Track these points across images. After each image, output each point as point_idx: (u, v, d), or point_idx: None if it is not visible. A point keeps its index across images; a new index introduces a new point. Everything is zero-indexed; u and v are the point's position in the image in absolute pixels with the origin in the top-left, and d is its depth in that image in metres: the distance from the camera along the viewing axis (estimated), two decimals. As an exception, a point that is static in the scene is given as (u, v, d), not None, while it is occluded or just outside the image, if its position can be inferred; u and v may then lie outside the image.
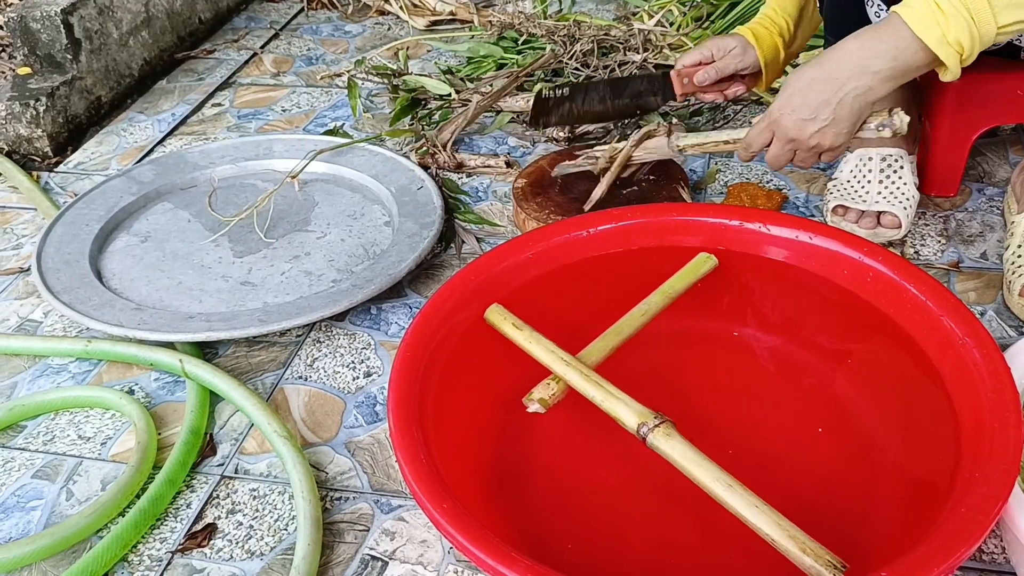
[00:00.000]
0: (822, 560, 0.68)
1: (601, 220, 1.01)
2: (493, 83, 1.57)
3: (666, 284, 0.96)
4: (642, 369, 0.98)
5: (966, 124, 1.22)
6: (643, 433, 0.78)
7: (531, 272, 0.99)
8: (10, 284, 1.28)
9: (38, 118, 1.56)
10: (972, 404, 0.78)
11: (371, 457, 0.97)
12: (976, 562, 0.83)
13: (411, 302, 1.19)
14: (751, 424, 0.94)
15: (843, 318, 0.96)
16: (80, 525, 0.89)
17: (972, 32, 0.90)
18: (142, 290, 1.21)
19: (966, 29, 0.90)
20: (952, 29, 0.90)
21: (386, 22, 2.04)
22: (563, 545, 0.83)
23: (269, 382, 1.08)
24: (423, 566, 0.85)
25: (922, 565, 0.65)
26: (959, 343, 0.83)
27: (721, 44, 1.23)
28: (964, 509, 0.68)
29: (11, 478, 0.98)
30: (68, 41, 1.61)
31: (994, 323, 1.08)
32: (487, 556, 0.67)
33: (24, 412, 1.05)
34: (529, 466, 0.91)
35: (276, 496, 0.94)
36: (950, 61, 0.92)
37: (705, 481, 0.74)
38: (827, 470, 0.88)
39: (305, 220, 1.34)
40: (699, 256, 0.99)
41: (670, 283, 0.96)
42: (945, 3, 0.90)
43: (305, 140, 1.50)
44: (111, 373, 1.11)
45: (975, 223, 1.25)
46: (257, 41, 1.98)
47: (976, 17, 0.89)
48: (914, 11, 0.91)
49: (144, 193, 1.40)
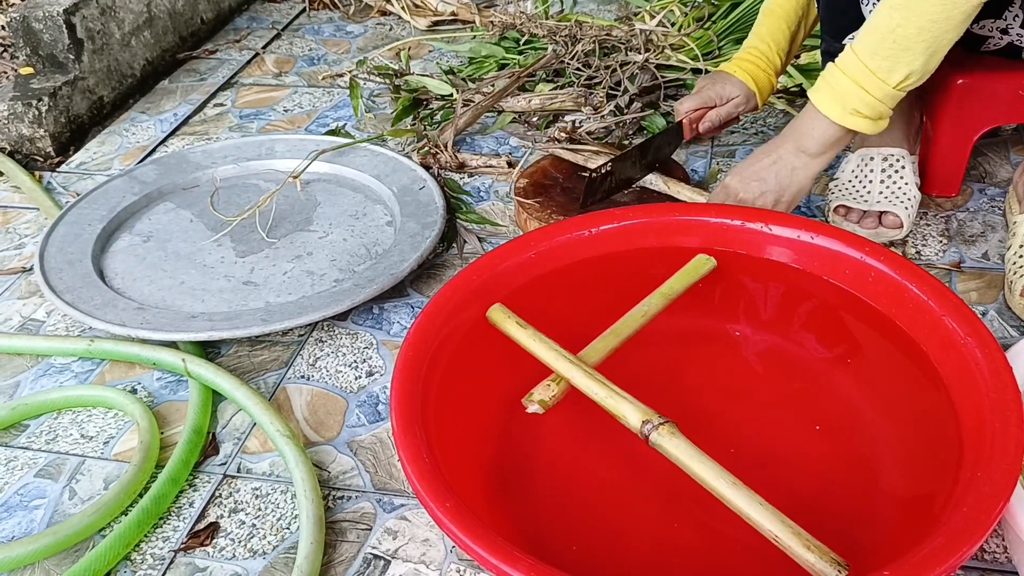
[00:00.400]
0: (826, 558, 0.68)
1: (603, 220, 1.02)
2: (495, 83, 1.57)
3: (665, 285, 0.96)
4: (643, 369, 0.98)
5: (967, 124, 1.22)
6: (646, 432, 0.78)
7: (533, 272, 0.99)
8: (13, 284, 1.28)
9: (40, 118, 1.56)
10: (974, 404, 0.78)
11: (373, 456, 0.98)
12: (978, 561, 0.83)
13: (413, 302, 1.19)
14: (752, 424, 0.94)
15: (844, 318, 0.97)
16: (83, 524, 0.89)
17: (866, 99, 0.99)
18: (144, 290, 1.22)
19: (858, 99, 1.00)
20: (848, 102, 1.00)
21: (388, 22, 2.04)
22: (564, 544, 0.84)
23: (271, 381, 1.08)
24: (425, 565, 0.85)
25: (924, 564, 0.65)
26: (961, 343, 0.83)
27: (722, 92, 1.27)
28: (966, 508, 0.68)
29: (14, 477, 0.98)
30: (70, 41, 1.61)
31: (995, 323, 1.08)
32: (490, 555, 0.67)
33: (27, 411, 1.05)
34: (531, 465, 0.91)
35: (278, 495, 0.94)
36: (860, 127, 1.02)
37: (708, 480, 0.75)
38: (828, 470, 0.89)
39: (307, 220, 1.34)
40: (698, 257, 1.00)
41: (669, 284, 0.97)
42: (836, 82, 1.01)
43: (307, 140, 1.50)
44: (114, 372, 1.11)
45: (976, 223, 1.25)
46: (259, 41, 1.98)
47: (865, 86, 0.99)
48: (819, 95, 1.03)
49: (146, 193, 1.40)
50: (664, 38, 1.64)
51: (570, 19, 1.80)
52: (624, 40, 1.65)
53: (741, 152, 1.44)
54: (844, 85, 1.00)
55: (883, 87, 0.98)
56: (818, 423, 0.93)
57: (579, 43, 1.64)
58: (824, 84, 1.03)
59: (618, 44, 1.65)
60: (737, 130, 1.49)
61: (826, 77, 1.02)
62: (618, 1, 1.97)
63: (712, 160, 1.43)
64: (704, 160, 1.43)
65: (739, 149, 1.45)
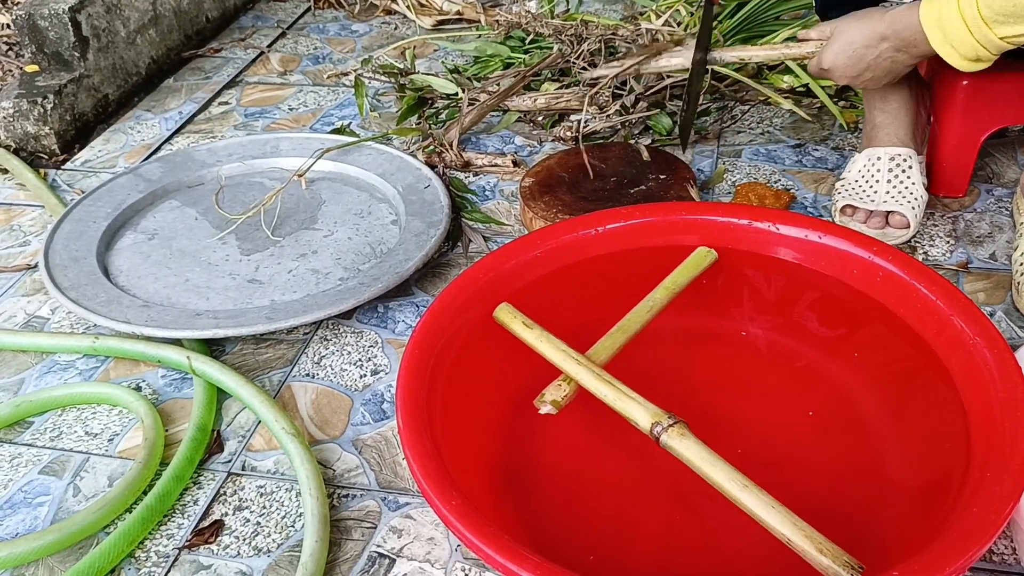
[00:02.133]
0: (840, 560, 0.68)
1: (610, 219, 1.01)
2: (500, 82, 1.57)
3: (668, 279, 0.96)
4: (650, 368, 0.97)
5: (975, 125, 1.22)
6: (656, 433, 0.78)
7: (539, 270, 0.99)
8: (18, 281, 1.28)
9: (46, 116, 1.56)
10: (983, 404, 0.78)
11: (378, 454, 0.97)
12: (986, 563, 0.82)
13: (418, 300, 1.19)
14: (759, 423, 0.94)
15: (852, 318, 0.96)
16: (87, 521, 0.89)
17: (968, 41, 0.97)
18: (149, 287, 1.21)
19: (960, 38, 0.98)
20: (950, 35, 0.98)
21: (393, 21, 2.04)
22: (570, 543, 0.83)
23: (276, 379, 1.08)
24: (430, 563, 0.85)
25: (933, 565, 0.65)
26: (969, 343, 0.82)
27: None
28: (975, 509, 0.68)
29: (18, 474, 0.98)
30: (76, 39, 1.61)
31: (1003, 324, 1.08)
32: (497, 553, 0.67)
33: (31, 408, 1.05)
34: (536, 464, 0.91)
35: (283, 493, 0.94)
36: (952, 60, 1.00)
37: (720, 481, 0.74)
38: (835, 470, 0.88)
39: (312, 218, 1.34)
40: (699, 250, 0.99)
41: (672, 278, 0.96)
42: (945, 10, 0.98)
43: (312, 139, 1.50)
44: (118, 370, 1.11)
45: (984, 224, 1.24)
46: (264, 40, 1.98)
47: (972, 29, 0.96)
48: (927, 8, 1.00)
49: (151, 191, 1.40)
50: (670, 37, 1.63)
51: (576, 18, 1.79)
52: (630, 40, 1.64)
53: (747, 152, 1.44)
54: (950, 18, 0.97)
55: (989, 36, 0.96)
56: (825, 423, 0.93)
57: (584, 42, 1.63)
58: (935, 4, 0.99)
59: (624, 43, 1.64)
60: (743, 130, 1.49)
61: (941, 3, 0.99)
62: (624, 0, 1.97)
63: (718, 160, 1.43)
64: (710, 160, 1.43)
65: (745, 149, 1.45)
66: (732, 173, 1.39)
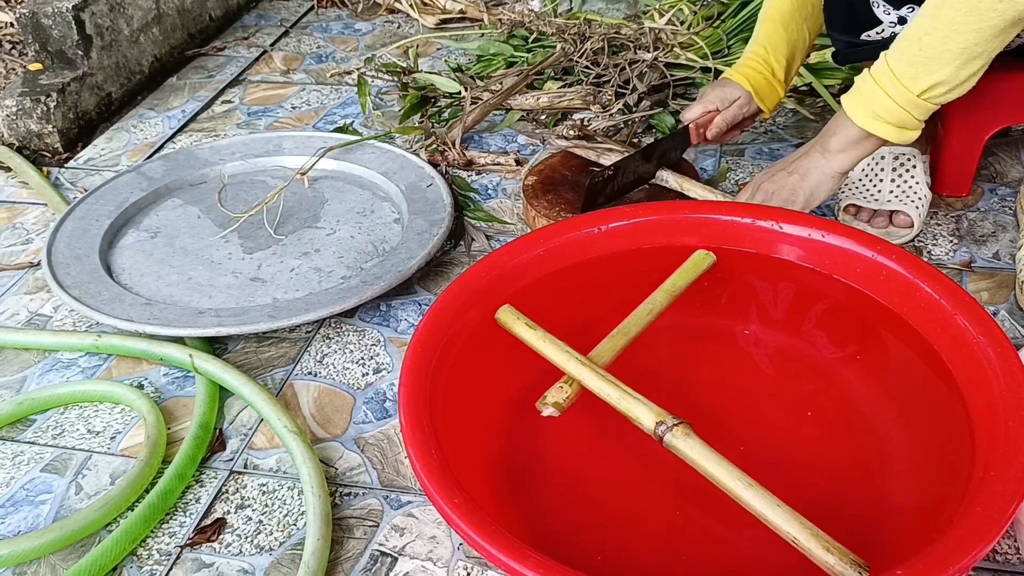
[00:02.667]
0: (846, 560, 0.67)
1: (613, 217, 1.01)
2: (503, 81, 1.57)
3: (668, 282, 0.96)
4: (652, 368, 0.97)
5: (978, 124, 1.22)
6: (660, 433, 0.78)
7: (542, 269, 0.98)
8: (20, 279, 1.28)
9: (49, 114, 1.56)
10: (986, 403, 0.78)
11: (380, 453, 0.97)
12: (989, 562, 0.82)
13: (420, 299, 1.19)
14: (761, 423, 0.93)
15: (855, 317, 0.96)
16: (89, 519, 0.89)
17: (889, 107, 0.99)
18: (152, 285, 1.21)
19: (882, 105, 0.99)
20: (872, 107, 1.00)
21: (396, 20, 2.04)
22: (572, 541, 0.83)
23: (279, 378, 1.08)
24: (432, 562, 0.85)
25: (936, 565, 0.64)
26: (973, 342, 0.82)
27: (724, 95, 1.25)
28: (978, 508, 0.68)
29: (20, 472, 0.98)
30: (79, 37, 1.61)
31: (1007, 323, 1.07)
32: (500, 552, 0.66)
33: (33, 406, 1.05)
34: (538, 463, 0.91)
35: (285, 491, 0.94)
36: (882, 133, 1.02)
37: (725, 481, 0.74)
38: (838, 469, 0.88)
39: (315, 217, 1.34)
40: (697, 253, 0.99)
41: (672, 280, 0.96)
42: (863, 86, 1.01)
43: (315, 137, 1.50)
44: (120, 368, 1.11)
45: (987, 223, 1.24)
46: (267, 38, 1.98)
47: (891, 93, 0.98)
48: (848, 98, 1.04)
49: (154, 189, 1.40)
50: (673, 36, 1.63)
51: (579, 17, 1.79)
52: (633, 38, 1.64)
53: (751, 151, 1.44)
54: (868, 88, 1.00)
55: (906, 93, 0.97)
56: (827, 422, 0.92)
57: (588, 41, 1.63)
58: (854, 88, 1.03)
59: (627, 42, 1.64)
60: (746, 128, 1.49)
61: (857, 81, 1.03)
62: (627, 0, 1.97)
63: (721, 159, 1.42)
64: (714, 159, 1.43)
65: (748, 148, 1.45)
66: (735, 172, 1.39)
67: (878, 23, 1.08)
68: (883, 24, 1.08)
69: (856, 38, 1.13)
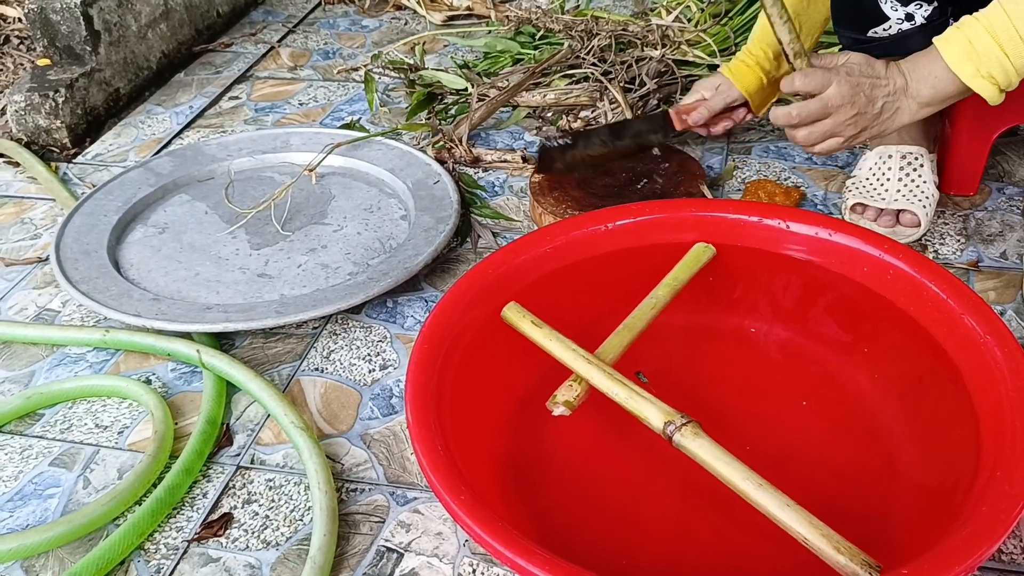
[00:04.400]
0: (857, 559, 0.67)
1: (620, 215, 1.01)
2: (510, 78, 1.57)
3: (669, 276, 0.96)
4: (658, 364, 0.98)
5: (986, 123, 1.21)
6: (669, 432, 0.77)
7: (548, 266, 0.99)
8: (28, 273, 1.29)
9: (57, 109, 1.57)
10: (993, 403, 0.78)
11: (387, 449, 0.97)
12: (995, 562, 0.82)
13: (427, 296, 1.19)
14: (768, 420, 0.93)
15: (862, 315, 0.96)
16: (97, 513, 0.89)
17: (1005, 66, 0.92)
18: (159, 281, 1.22)
19: (998, 64, 0.92)
20: (984, 64, 0.93)
21: (403, 17, 2.04)
22: (578, 538, 0.83)
23: (285, 373, 1.08)
24: (438, 558, 0.85)
25: (942, 564, 0.64)
26: (980, 341, 0.82)
27: (709, 84, 1.22)
28: (985, 508, 0.68)
29: (29, 466, 0.98)
30: (87, 33, 1.62)
31: (1014, 323, 1.07)
32: (506, 548, 0.67)
33: (42, 400, 1.05)
34: (544, 460, 0.91)
35: (292, 487, 0.94)
36: (985, 93, 0.95)
37: (735, 480, 0.74)
38: (845, 468, 0.88)
39: (322, 213, 1.34)
40: (697, 246, 0.99)
41: (673, 275, 0.96)
42: (977, 39, 0.93)
43: (322, 134, 1.50)
44: (128, 363, 1.12)
45: (994, 222, 1.24)
46: (274, 35, 1.98)
47: (1010, 52, 0.91)
48: (950, 47, 0.95)
49: (162, 184, 1.40)
50: (680, 34, 1.63)
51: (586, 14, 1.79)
52: (640, 35, 1.64)
53: (757, 149, 1.44)
54: (985, 45, 0.91)
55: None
56: (835, 420, 0.92)
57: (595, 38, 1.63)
58: (959, 38, 0.94)
59: (634, 39, 1.64)
60: (753, 126, 1.49)
61: (963, 29, 0.94)
62: (634, -3, 1.97)
63: (728, 156, 1.42)
64: (720, 156, 1.43)
65: (755, 146, 1.44)
66: (742, 170, 1.39)
67: (886, 19, 1.08)
68: (891, 20, 1.08)
69: (863, 35, 1.12)
